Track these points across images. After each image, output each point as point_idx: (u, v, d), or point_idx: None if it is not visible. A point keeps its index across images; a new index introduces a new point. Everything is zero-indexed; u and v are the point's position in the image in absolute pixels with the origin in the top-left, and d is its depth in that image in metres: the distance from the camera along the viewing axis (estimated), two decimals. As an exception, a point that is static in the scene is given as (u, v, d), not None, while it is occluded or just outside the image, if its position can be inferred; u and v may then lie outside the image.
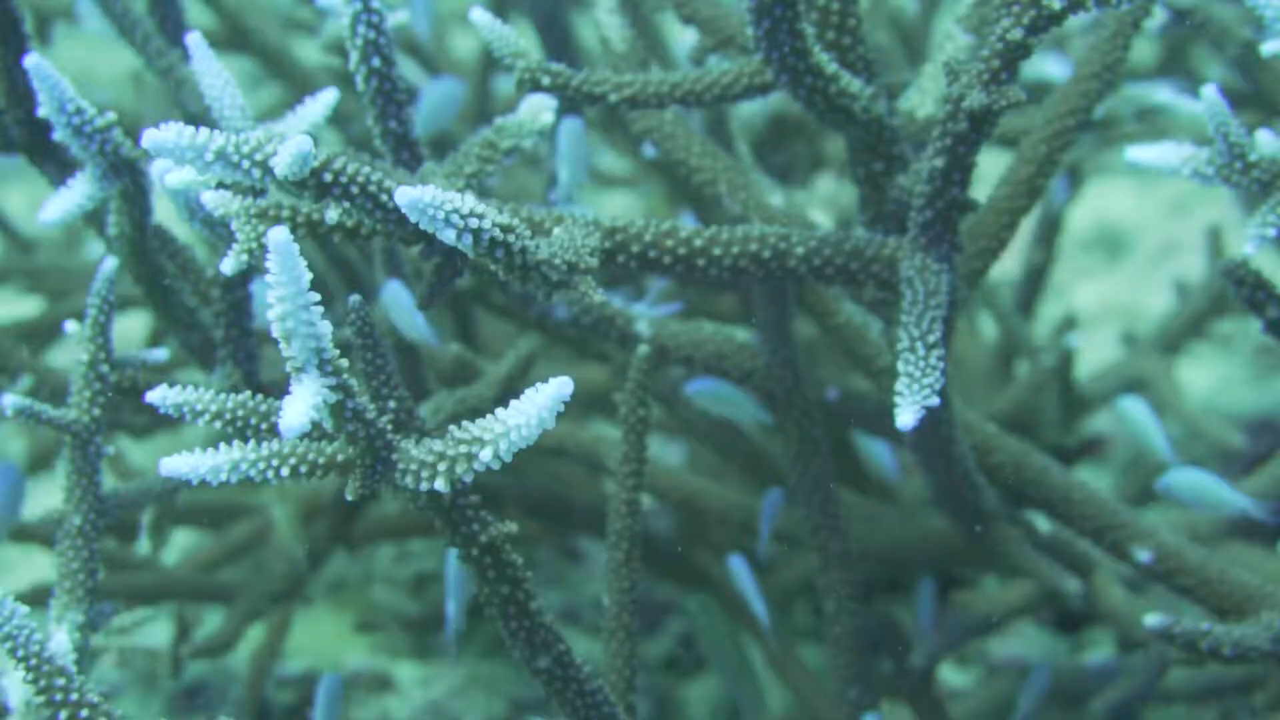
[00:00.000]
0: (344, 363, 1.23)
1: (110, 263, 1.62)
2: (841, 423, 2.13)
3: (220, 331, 1.71)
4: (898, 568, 2.19)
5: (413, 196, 1.22)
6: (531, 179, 2.59)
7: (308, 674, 2.73)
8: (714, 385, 2.03)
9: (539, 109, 1.66)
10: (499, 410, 1.24)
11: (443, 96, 2.42)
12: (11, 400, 1.57)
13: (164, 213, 1.75)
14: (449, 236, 1.25)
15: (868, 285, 1.56)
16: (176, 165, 1.28)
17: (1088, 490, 1.86)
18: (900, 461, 2.43)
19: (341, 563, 2.89)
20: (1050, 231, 2.61)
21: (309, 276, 1.17)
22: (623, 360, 2.12)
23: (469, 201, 1.26)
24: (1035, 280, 2.68)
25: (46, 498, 3.18)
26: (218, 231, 1.63)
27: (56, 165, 1.80)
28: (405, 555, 2.95)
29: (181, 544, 2.75)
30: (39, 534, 2.31)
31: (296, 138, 1.26)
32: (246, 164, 1.28)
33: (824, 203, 2.15)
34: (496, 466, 1.25)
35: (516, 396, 1.92)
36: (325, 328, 1.20)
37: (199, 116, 2.08)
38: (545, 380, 1.21)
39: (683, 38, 1.96)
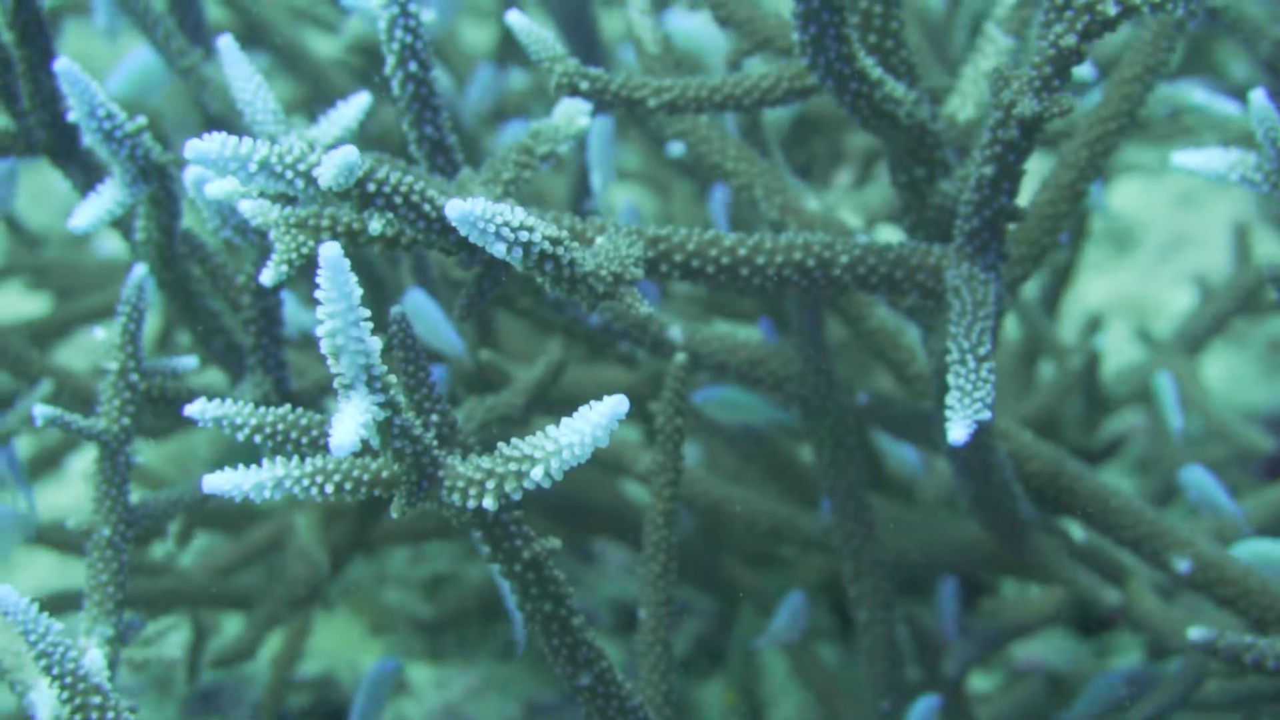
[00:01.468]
0: (392, 379, 1.20)
1: (140, 270, 1.59)
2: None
3: (250, 339, 1.68)
4: (924, 572, 2.17)
5: (463, 210, 1.19)
6: (548, 179, 2.57)
7: (322, 677, 2.70)
8: (722, 392, 2.00)
9: (574, 113, 1.63)
10: (550, 427, 1.22)
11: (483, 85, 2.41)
12: (42, 410, 1.54)
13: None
14: (499, 250, 1.23)
15: (911, 294, 1.54)
16: (218, 175, 1.25)
17: (1124, 498, 1.83)
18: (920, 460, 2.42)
19: (355, 564, 2.87)
20: (1077, 231, 2.59)
21: (359, 293, 1.15)
22: (653, 367, 2.10)
23: (519, 214, 1.24)
24: (1060, 280, 2.66)
25: (53, 495, 3.17)
26: (249, 238, 1.61)
27: (80, 168, 1.77)
28: (420, 556, 2.93)
29: (197, 544, 2.73)
30: (50, 538, 2.29)
31: (342, 148, 1.23)
32: (290, 174, 1.25)
33: (854, 205, 2.12)
34: (547, 485, 1.23)
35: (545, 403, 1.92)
36: (374, 344, 1.17)
37: (221, 117, 2.06)
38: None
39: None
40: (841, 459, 1.85)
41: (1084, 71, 2.23)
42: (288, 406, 1.33)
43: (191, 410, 1.31)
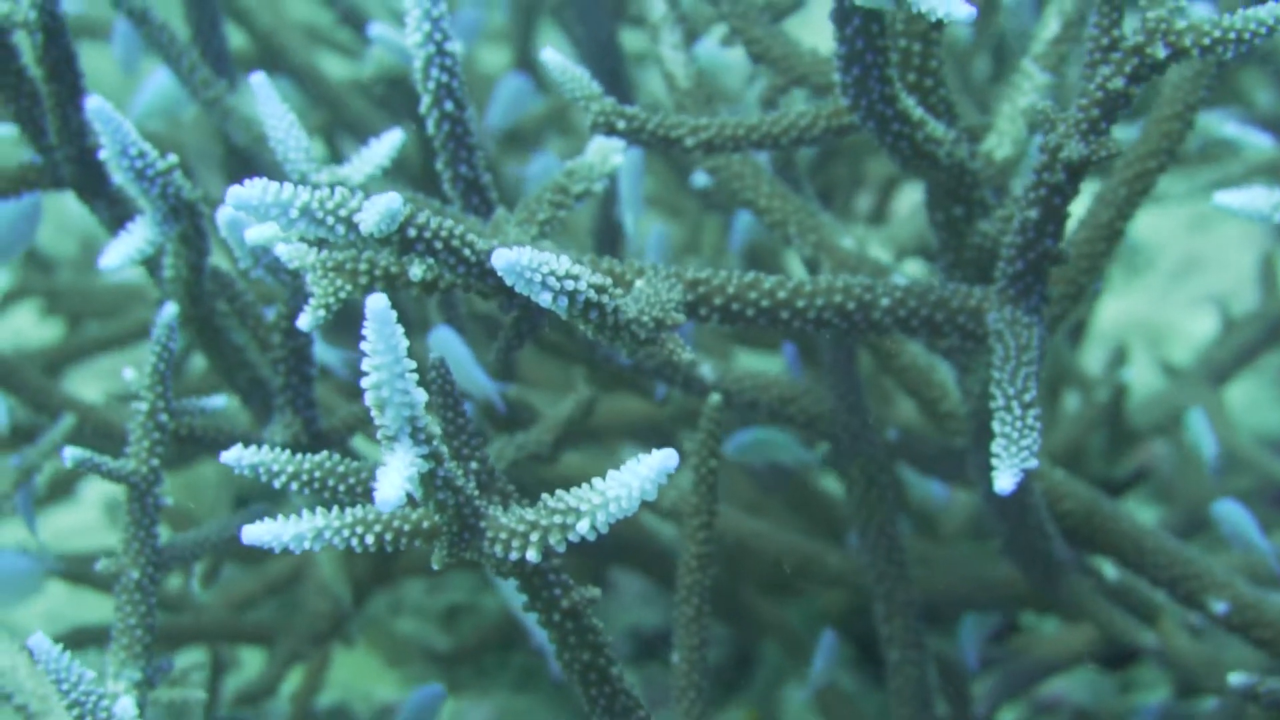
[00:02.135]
0: (436, 430, 1.19)
1: (170, 309, 1.57)
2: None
3: (280, 378, 1.66)
4: (955, 611, 2.15)
5: (509, 259, 1.18)
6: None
7: (336, 707, 2.68)
8: (751, 435, 1.98)
9: (608, 151, 1.61)
10: (596, 480, 1.20)
11: (514, 92, 2.39)
12: (72, 452, 1.52)
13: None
14: (545, 300, 1.21)
15: (952, 337, 1.52)
16: (258, 221, 1.23)
17: (1159, 538, 1.81)
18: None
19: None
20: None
21: (406, 344, 1.13)
22: (681, 403, 2.08)
23: (564, 263, 1.22)
24: (1085, 310, 2.64)
25: (67, 518, 3.15)
26: (281, 278, 1.59)
27: (107, 203, 1.75)
28: (437, 586, 2.91)
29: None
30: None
31: (385, 195, 1.21)
32: (331, 220, 1.23)
33: (883, 239, 2.10)
34: (593, 538, 1.21)
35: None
36: (420, 396, 1.16)
37: (245, 148, 2.04)
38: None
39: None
40: (874, 498, 1.83)
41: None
42: (325, 454, 1.31)
43: (228, 457, 1.29)
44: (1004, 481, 1.33)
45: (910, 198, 3.22)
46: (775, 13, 1.79)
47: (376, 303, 1.10)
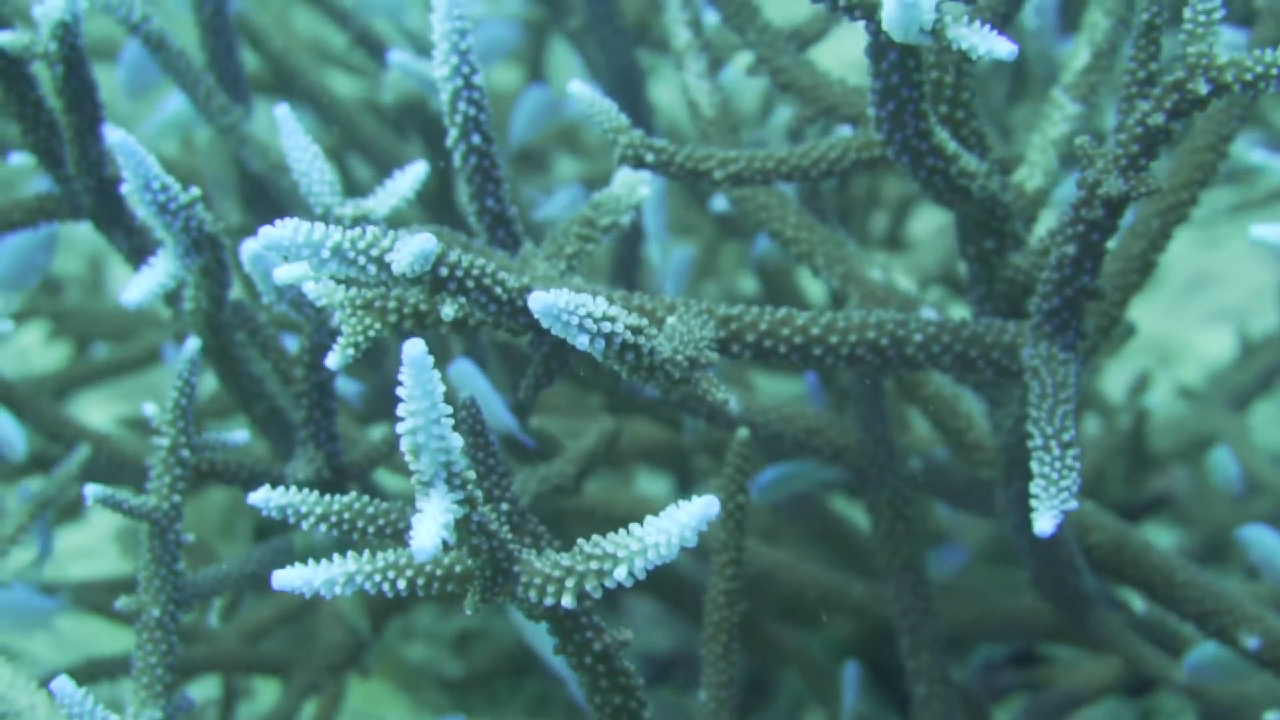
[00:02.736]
0: (471, 474, 1.16)
1: (193, 344, 1.55)
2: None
3: (302, 412, 1.64)
4: (980, 641, 2.13)
5: (547, 302, 1.15)
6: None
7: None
8: (776, 473, 1.95)
9: (634, 183, 1.59)
10: (634, 525, 1.18)
11: (535, 105, 2.37)
12: (93, 490, 1.50)
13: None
14: (582, 342, 1.19)
15: (986, 373, 1.50)
16: (289, 260, 1.21)
17: (1190, 572, 1.79)
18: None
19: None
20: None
21: (442, 389, 1.11)
22: (704, 435, 2.05)
23: (600, 304, 1.20)
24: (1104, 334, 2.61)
25: (75, 536, 3.12)
26: (305, 313, 1.57)
27: (125, 233, 1.74)
28: (449, 610, 2.88)
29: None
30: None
31: (418, 235, 1.19)
32: (363, 260, 1.21)
33: (906, 266, 2.08)
34: (629, 585, 1.18)
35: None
36: (456, 441, 1.14)
37: (261, 175, 2.02)
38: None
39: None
40: (900, 531, 1.81)
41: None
42: (353, 495, 1.29)
43: (255, 499, 1.27)
44: (1044, 524, 1.31)
45: (926, 218, 3.20)
46: (801, 41, 1.78)
47: (413, 349, 1.09)
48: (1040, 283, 1.45)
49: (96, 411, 3.35)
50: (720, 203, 2.22)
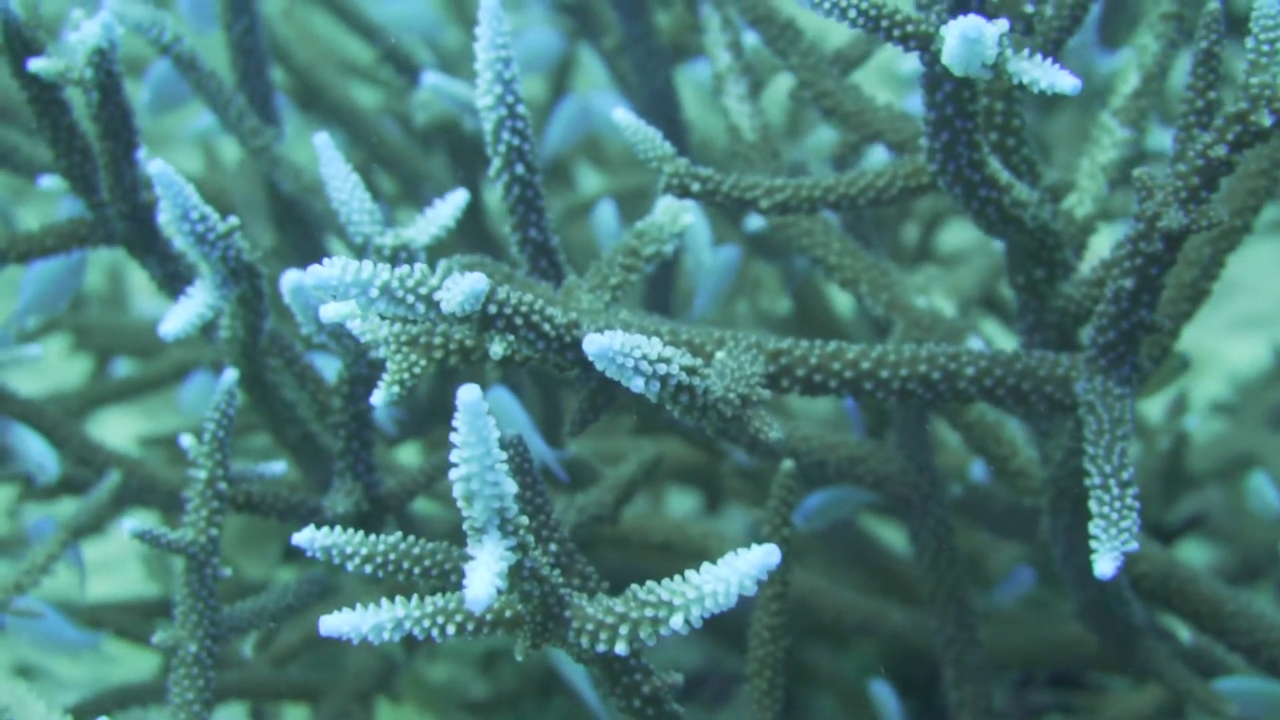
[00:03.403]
0: (523, 520, 1.14)
1: (230, 375, 1.52)
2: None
3: (340, 443, 1.62)
4: (1023, 670, 2.10)
5: (602, 345, 1.13)
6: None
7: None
8: (820, 500, 1.92)
9: (677, 211, 1.57)
10: (690, 572, 1.15)
11: (571, 117, 2.35)
12: (130, 526, 1.48)
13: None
14: (637, 385, 1.16)
15: (1039, 406, 1.47)
16: (338, 299, 1.19)
17: (1240, 603, 1.76)
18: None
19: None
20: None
21: (497, 435, 1.09)
22: (738, 465, 2.03)
23: (655, 346, 1.17)
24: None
25: (96, 550, 3.10)
26: (344, 344, 1.54)
27: (159, 260, 1.71)
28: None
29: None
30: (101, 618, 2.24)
31: (470, 276, 1.17)
32: (411, 299, 1.19)
33: (946, 288, 2.05)
34: (685, 633, 1.16)
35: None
36: (510, 488, 1.11)
37: (292, 197, 2.00)
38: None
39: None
40: (944, 562, 1.78)
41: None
42: (398, 536, 1.26)
43: (299, 539, 1.25)
44: (1105, 566, 1.28)
45: (956, 231, 3.17)
46: (845, 65, 1.75)
47: (468, 395, 1.06)
48: (1096, 315, 1.42)
49: (118, 426, 3.33)
50: (756, 222, 2.19)
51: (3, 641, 2.72)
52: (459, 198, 1.56)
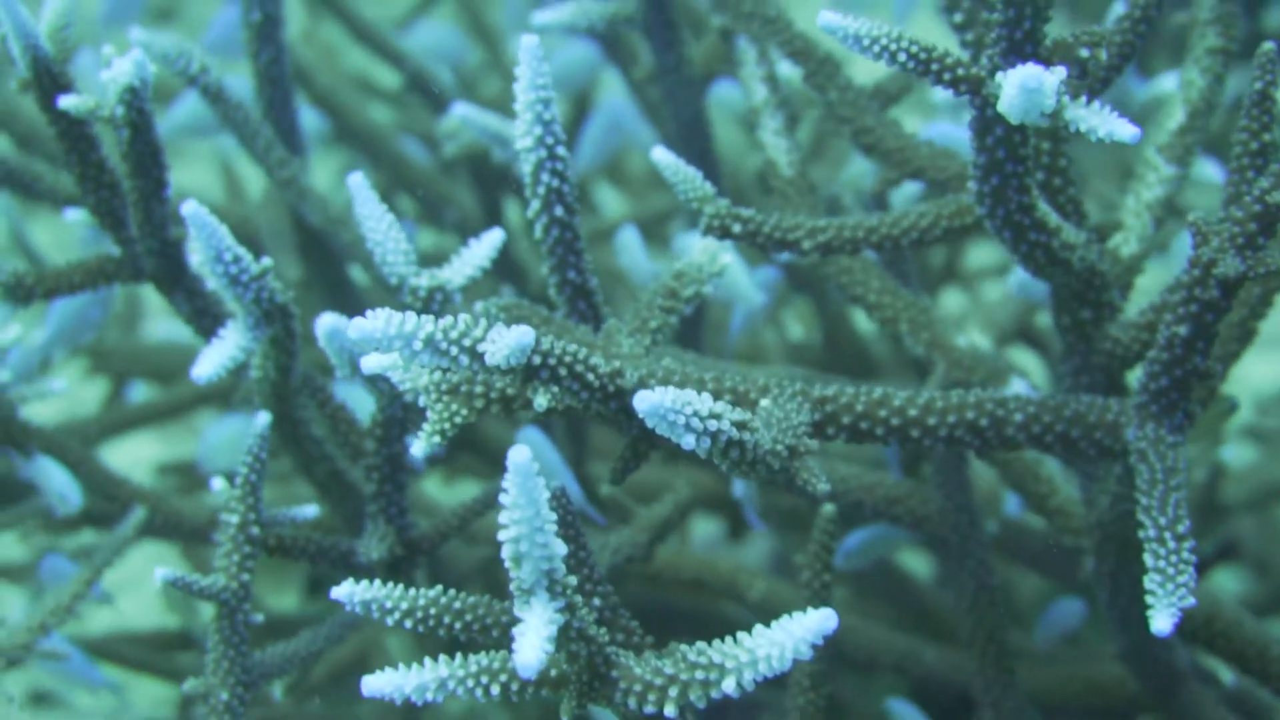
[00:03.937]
0: (571, 581, 1.11)
1: (263, 418, 1.50)
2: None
3: (373, 485, 1.59)
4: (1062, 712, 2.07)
5: (653, 402, 1.11)
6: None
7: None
8: (860, 539, 1.89)
9: (716, 251, 1.54)
10: (743, 635, 1.12)
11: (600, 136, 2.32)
12: (162, 573, 1.45)
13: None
14: (688, 442, 1.14)
15: (1089, 453, 1.44)
16: (381, 352, 1.16)
17: (1285, 646, 1.73)
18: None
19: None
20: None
21: (546, 496, 1.06)
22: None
23: (705, 403, 1.15)
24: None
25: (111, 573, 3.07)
26: (379, 387, 1.52)
27: (186, 295, 1.69)
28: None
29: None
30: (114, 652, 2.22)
31: (516, 329, 1.14)
32: (455, 350, 1.16)
33: (982, 322, 2.03)
34: (736, 696, 1.13)
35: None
36: (559, 549, 1.08)
37: (320, 229, 1.97)
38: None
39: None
40: (983, 603, 1.75)
41: (1213, 172, 2.13)
42: (439, 589, 1.24)
43: (338, 594, 1.22)
44: (1162, 623, 1.25)
45: (982, 252, 3.14)
46: (884, 99, 1.72)
47: (518, 455, 1.04)
48: (1147, 361, 1.39)
49: (135, 450, 3.31)
50: (785, 254, 2.16)
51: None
52: (495, 238, 1.54)
